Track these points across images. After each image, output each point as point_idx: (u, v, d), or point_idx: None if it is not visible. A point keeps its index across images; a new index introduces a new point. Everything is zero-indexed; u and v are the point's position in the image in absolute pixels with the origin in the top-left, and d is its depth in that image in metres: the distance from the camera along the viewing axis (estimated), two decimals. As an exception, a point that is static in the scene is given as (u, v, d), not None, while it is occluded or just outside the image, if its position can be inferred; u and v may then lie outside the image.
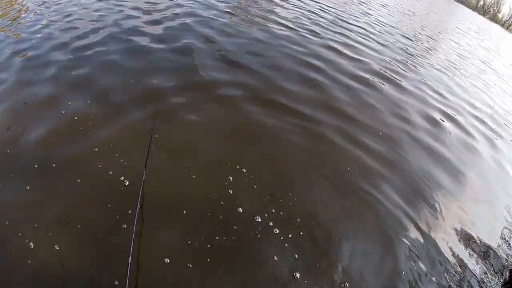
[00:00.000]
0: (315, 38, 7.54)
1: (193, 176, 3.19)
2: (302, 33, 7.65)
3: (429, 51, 10.32)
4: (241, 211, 2.98)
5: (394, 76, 6.94)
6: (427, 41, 11.83)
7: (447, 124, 5.87)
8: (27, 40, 5.08)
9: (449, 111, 6.43)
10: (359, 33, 9.21)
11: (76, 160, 3.11)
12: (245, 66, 5.33)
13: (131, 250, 2.26)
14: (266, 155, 3.72)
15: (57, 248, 2.46)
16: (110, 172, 3.03)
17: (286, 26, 7.76)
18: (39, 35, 5.24)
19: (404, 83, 6.77)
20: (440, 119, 5.93)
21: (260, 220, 2.95)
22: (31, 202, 2.74)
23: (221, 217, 2.89)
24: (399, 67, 7.59)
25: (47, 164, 3.02)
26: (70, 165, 3.06)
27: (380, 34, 10.05)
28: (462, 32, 15.72)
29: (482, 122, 6.75)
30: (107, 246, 2.55)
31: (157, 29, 5.94)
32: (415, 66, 8.07)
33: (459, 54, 11.24)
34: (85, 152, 3.19)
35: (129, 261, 2.19)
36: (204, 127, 3.86)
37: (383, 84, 6.31)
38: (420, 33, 12.56)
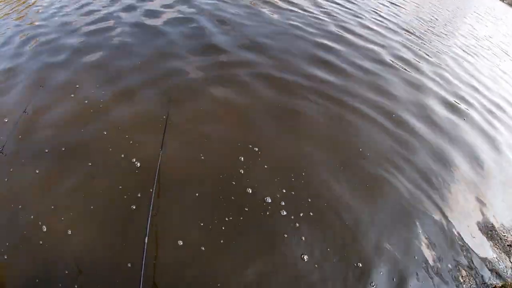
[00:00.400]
0: (326, 20, 7.25)
1: (203, 158, 3.16)
2: (312, 15, 7.34)
3: (445, 35, 9.85)
4: (250, 191, 2.94)
5: (408, 61, 6.59)
6: (443, 25, 11.32)
7: (461, 110, 5.53)
8: (42, 26, 5.14)
9: (462, 98, 5.97)
10: (371, 16, 8.80)
11: (86, 143, 3.12)
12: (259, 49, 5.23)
13: (148, 230, 2.24)
14: (279, 135, 3.65)
15: (70, 232, 2.49)
16: (122, 155, 3.03)
17: (291, 10, 7.45)
18: (53, 21, 5.29)
19: (418, 68, 6.43)
20: (454, 104, 5.61)
21: (270, 200, 2.91)
22: (43, 185, 2.77)
23: (232, 198, 2.87)
24: (413, 52, 7.21)
25: (57, 148, 3.04)
26: (80, 148, 3.07)
27: (394, 17, 9.60)
28: (479, 17, 15.03)
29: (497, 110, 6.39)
30: (122, 226, 2.56)
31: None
32: (429, 51, 7.65)
33: (476, 39, 10.69)
34: (94, 136, 3.19)
35: (146, 241, 2.18)
36: (216, 108, 3.81)
37: (396, 70, 6.00)
38: (436, 17, 12.03)
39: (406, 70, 6.07)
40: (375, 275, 2.66)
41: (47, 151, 3.00)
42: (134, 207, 2.66)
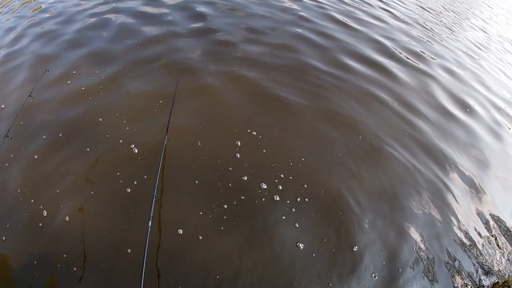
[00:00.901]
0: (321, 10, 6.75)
1: (200, 143, 3.12)
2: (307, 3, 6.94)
3: (453, 28, 9.40)
4: (246, 178, 2.90)
5: (413, 57, 5.88)
6: (453, 17, 10.84)
7: (469, 109, 5.03)
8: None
9: (469, 97, 5.38)
10: (376, 5, 8.41)
11: (86, 129, 3.12)
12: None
13: (151, 214, 2.22)
14: (278, 119, 3.58)
15: (70, 216, 2.51)
16: (121, 141, 3.02)
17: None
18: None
19: (423, 65, 5.70)
20: (461, 104, 5.03)
21: (265, 186, 2.87)
22: (42, 170, 2.79)
23: (230, 185, 2.84)
24: (419, 46, 6.68)
25: (54, 134, 3.06)
26: (77, 134, 3.08)
27: (400, 7, 9.12)
28: (490, 9, 14.57)
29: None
30: (121, 211, 2.57)
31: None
32: (436, 45, 7.17)
33: (486, 33, 10.18)
34: (93, 121, 3.19)
35: (149, 225, 2.16)
36: (212, 91, 3.76)
37: (400, 67, 5.39)
38: (444, 8, 11.56)
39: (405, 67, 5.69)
40: (369, 260, 2.64)
41: (45, 137, 3.02)
42: (133, 194, 2.67)
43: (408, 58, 5.68)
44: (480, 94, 5.55)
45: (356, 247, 2.67)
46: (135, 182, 2.73)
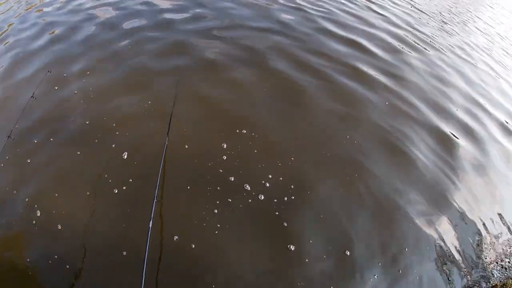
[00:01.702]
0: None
1: (187, 147, 3.13)
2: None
3: (455, 30, 9.14)
4: (233, 179, 2.92)
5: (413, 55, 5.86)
6: (455, 18, 10.50)
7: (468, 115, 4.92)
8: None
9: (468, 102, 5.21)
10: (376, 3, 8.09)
11: (80, 131, 3.18)
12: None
13: (152, 215, 2.23)
14: (269, 117, 3.58)
15: (62, 219, 2.56)
16: (113, 145, 3.05)
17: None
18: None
19: (420, 66, 5.62)
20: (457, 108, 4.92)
21: (249, 188, 2.89)
22: (38, 171, 2.86)
23: (218, 188, 2.86)
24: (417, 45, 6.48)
25: (47, 138, 3.10)
26: (70, 135, 3.14)
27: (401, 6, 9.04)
28: (494, 10, 14.27)
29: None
30: (120, 213, 2.62)
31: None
32: (435, 46, 7.00)
33: (489, 36, 9.81)
34: (87, 124, 3.23)
35: (150, 226, 2.17)
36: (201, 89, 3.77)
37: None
38: (448, 9, 11.18)
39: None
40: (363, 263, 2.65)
41: (36, 141, 3.07)
42: (131, 195, 2.72)
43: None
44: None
45: (348, 252, 2.67)
46: (132, 184, 2.77)
